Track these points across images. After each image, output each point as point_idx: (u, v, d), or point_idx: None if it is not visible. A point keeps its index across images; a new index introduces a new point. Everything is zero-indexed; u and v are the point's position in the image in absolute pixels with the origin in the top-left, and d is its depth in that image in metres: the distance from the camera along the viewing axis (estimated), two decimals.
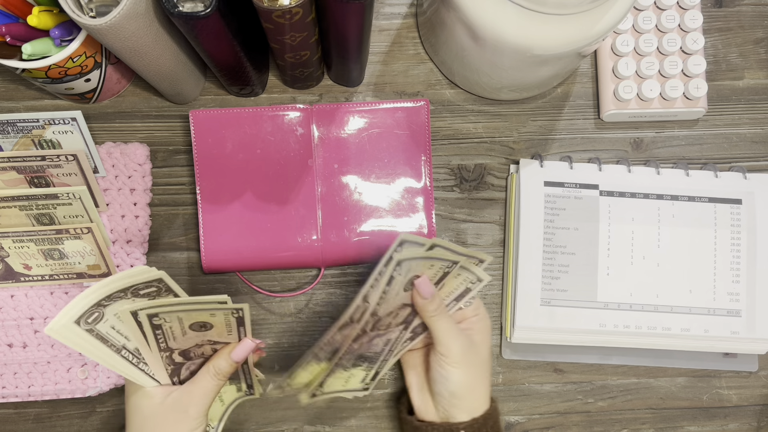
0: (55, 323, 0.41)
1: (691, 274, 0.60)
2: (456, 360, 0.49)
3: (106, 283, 0.42)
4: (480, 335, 0.52)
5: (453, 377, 0.49)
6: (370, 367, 0.54)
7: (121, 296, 0.44)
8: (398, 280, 0.46)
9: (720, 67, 0.65)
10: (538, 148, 0.63)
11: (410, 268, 0.47)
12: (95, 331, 0.44)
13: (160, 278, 0.44)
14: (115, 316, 0.44)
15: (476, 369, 0.50)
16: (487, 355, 0.52)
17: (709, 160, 0.64)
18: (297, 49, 0.52)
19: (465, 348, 0.50)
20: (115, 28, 0.45)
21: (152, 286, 0.45)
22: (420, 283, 0.48)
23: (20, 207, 0.55)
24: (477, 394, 0.51)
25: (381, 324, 0.50)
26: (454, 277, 0.50)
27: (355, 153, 0.60)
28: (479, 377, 0.51)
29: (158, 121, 0.62)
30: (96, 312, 0.43)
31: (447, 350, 0.49)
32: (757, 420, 0.62)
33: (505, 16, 0.47)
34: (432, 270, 0.48)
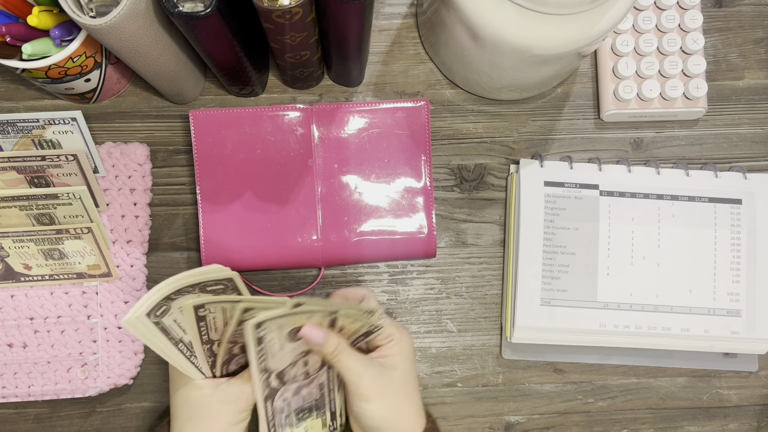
0: (130, 315, 0.42)
1: (691, 274, 0.60)
2: (367, 395, 0.47)
3: (180, 278, 0.43)
4: (396, 359, 0.49)
5: (369, 413, 0.48)
6: (322, 412, 0.52)
7: (190, 291, 0.44)
8: (270, 337, 0.45)
9: (720, 67, 0.65)
10: (538, 148, 0.63)
11: (280, 324, 0.45)
12: (160, 324, 0.44)
13: (231, 278, 0.45)
14: (179, 310, 0.45)
15: (396, 395, 0.49)
16: (408, 375, 0.50)
17: (709, 160, 0.64)
18: (297, 49, 0.52)
19: (375, 380, 0.48)
20: (115, 28, 0.45)
21: (220, 284, 0.46)
22: (305, 332, 0.46)
23: (20, 207, 0.55)
24: (404, 421, 0.49)
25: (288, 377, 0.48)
26: (350, 322, 0.48)
27: (355, 153, 0.60)
28: (399, 405, 0.49)
29: (158, 121, 0.62)
30: (165, 305, 0.44)
31: (356, 388, 0.47)
32: (757, 420, 0.62)
33: (505, 16, 0.47)
34: (313, 319, 0.47)
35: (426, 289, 0.62)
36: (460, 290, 0.62)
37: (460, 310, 0.62)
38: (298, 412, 0.51)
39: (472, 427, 0.61)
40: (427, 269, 0.62)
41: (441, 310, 0.62)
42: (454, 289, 0.62)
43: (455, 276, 0.62)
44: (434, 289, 0.62)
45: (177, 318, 0.45)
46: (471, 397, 0.61)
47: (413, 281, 0.62)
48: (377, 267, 0.62)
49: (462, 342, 0.62)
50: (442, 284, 0.62)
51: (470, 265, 0.62)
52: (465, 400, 0.61)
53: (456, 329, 0.62)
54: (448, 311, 0.62)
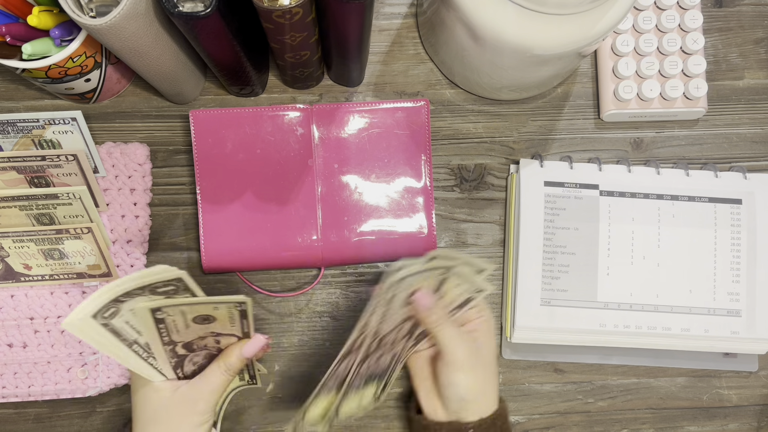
0: (72, 317, 0.42)
1: (691, 274, 0.60)
2: (463, 366, 0.49)
3: (126, 280, 0.43)
4: (485, 336, 0.52)
5: (462, 382, 0.49)
6: (381, 381, 0.54)
7: (139, 293, 0.44)
8: (399, 297, 0.47)
9: (720, 67, 0.65)
10: (538, 148, 0.63)
11: (410, 283, 0.47)
12: (110, 326, 0.44)
13: (180, 278, 0.45)
14: (130, 312, 0.45)
15: (483, 372, 0.51)
16: (492, 356, 0.52)
17: (709, 160, 0.64)
18: (297, 49, 0.52)
19: (471, 352, 0.50)
20: (115, 28, 0.45)
21: (171, 285, 0.45)
22: (419, 297, 0.48)
23: (20, 207, 0.55)
24: (485, 397, 0.51)
25: (385, 341, 0.50)
26: (454, 286, 0.50)
27: (355, 153, 0.60)
28: (487, 379, 0.51)
29: (158, 121, 0.62)
30: (113, 307, 0.43)
31: (453, 357, 0.49)
32: (757, 420, 0.62)
33: (505, 16, 0.47)
34: (429, 281, 0.48)
35: None
36: None
37: None
38: (368, 378, 0.52)
39: None
40: None
41: None
42: None
43: None
44: None
45: (129, 320, 0.45)
46: None
47: None
48: (377, 267, 0.62)
49: None
50: None
51: None
52: None
53: None
54: None
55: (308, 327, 0.61)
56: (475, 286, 0.51)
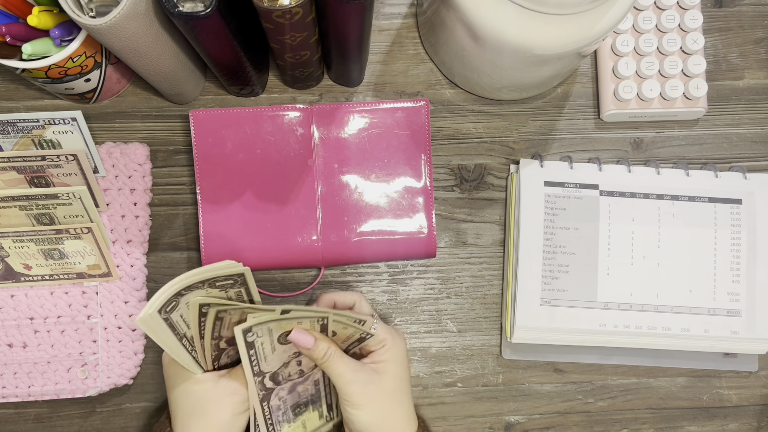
0: (144, 313, 0.42)
1: (691, 274, 0.60)
2: (357, 402, 0.48)
3: (194, 273, 0.43)
4: (388, 365, 0.50)
5: (357, 419, 0.48)
6: (318, 405, 0.53)
7: (199, 286, 0.45)
8: (261, 341, 0.46)
9: (720, 67, 0.65)
10: (538, 148, 0.63)
11: (270, 328, 0.46)
12: (169, 320, 0.45)
13: (242, 273, 0.46)
14: (186, 305, 0.45)
15: (384, 403, 0.49)
16: (400, 382, 0.50)
17: (709, 160, 0.64)
18: (297, 49, 0.52)
19: (365, 386, 0.48)
20: (115, 28, 0.45)
21: (230, 279, 0.46)
22: (294, 337, 0.47)
23: (20, 207, 0.55)
24: (392, 426, 0.49)
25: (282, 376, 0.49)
26: (342, 328, 0.49)
27: (355, 153, 0.60)
28: (390, 411, 0.49)
29: (158, 121, 0.62)
30: (175, 301, 0.44)
31: (346, 394, 0.48)
32: (757, 420, 0.62)
33: (505, 16, 0.47)
34: (304, 324, 0.47)
35: (426, 289, 0.62)
36: (460, 290, 0.62)
37: (460, 310, 0.62)
38: (294, 408, 0.51)
39: (472, 427, 0.61)
40: (427, 269, 0.62)
41: (441, 310, 0.62)
42: (454, 289, 0.62)
43: (455, 276, 0.62)
44: (434, 289, 0.62)
45: (183, 313, 0.45)
46: (471, 397, 0.61)
47: (413, 281, 0.62)
48: (377, 267, 0.62)
49: (462, 342, 0.62)
50: (442, 284, 0.62)
51: (470, 265, 0.62)
52: (465, 400, 0.61)
53: (456, 329, 0.62)
54: (448, 311, 0.62)
55: None
56: (362, 330, 0.49)
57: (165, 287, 0.43)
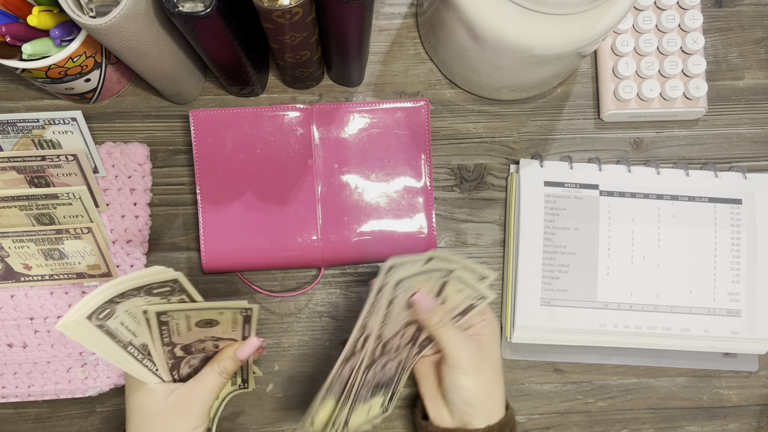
0: (67, 319, 0.41)
1: (691, 274, 0.60)
2: (467, 368, 0.49)
3: (122, 281, 0.42)
4: (489, 340, 0.51)
5: (466, 385, 0.49)
6: (387, 391, 0.53)
7: (135, 294, 0.44)
8: (399, 300, 0.46)
9: (720, 67, 0.65)
10: (538, 148, 0.63)
11: (410, 285, 0.46)
12: (105, 327, 0.44)
13: (176, 279, 0.45)
14: (126, 313, 0.44)
15: (488, 375, 0.50)
16: (497, 359, 0.52)
17: (709, 160, 0.64)
18: (297, 49, 0.52)
19: (475, 355, 0.49)
20: (115, 28, 0.45)
21: (167, 286, 0.45)
22: (418, 299, 0.47)
23: (20, 207, 0.55)
24: (491, 401, 0.50)
25: (389, 347, 0.49)
26: (456, 291, 0.49)
27: (355, 153, 0.60)
28: (492, 383, 0.50)
29: (158, 121, 0.62)
30: (108, 308, 0.43)
31: (456, 360, 0.48)
32: (757, 420, 0.62)
33: (505, 16, 0.47)
34: (429, 283, 0.48)
35: None
36: None
37: None
38: (374, 388, 0.51)
39: None
40: None
41: None
42: None
43: None
44: None
45: (124, 321, 0.45)
46: None
47: None
48: (377, 267, 0.62)
49: None
50: None
51: None
52: None
53: None
54: None
55: (308, 327, 0.61)
56: (477, 293, 0.50)
57: (92, 294, 0.42)
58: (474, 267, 0.48)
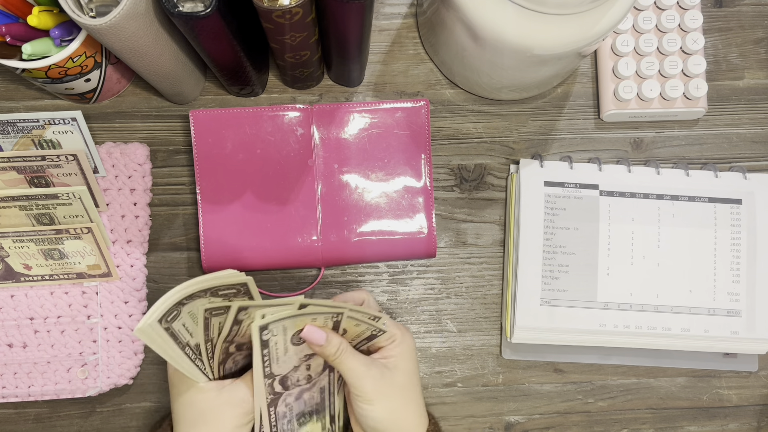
0: (143, 323, 0.41)
1: (691, 274, 0.60)
2: (369, 397, 0.47)
3: (195, 282, 0.43)
4: (398, 360, 0.49)
5: (371, 414, 0.48)
6: (322, 416, 0.52)
7: (201, 295, 0.44)
8: (275, 341, 0.45)
9: (720, 67, 0.65)
10: (538, 148, 0.63)
11: (285, 327, 0.45)
12: (170, 329, 0.44)
13: (245, 282, 0.45)
14: (188, 314, 0.44)
15: (396, 399, 0.49)
16: (410, 377, 0.50)
17: (709, 160, 0.64)
18: (297, 49, 0.52)
19: (377, 381, 0.47)
20: (115, 28, 0.45)
21: (233, 288, 0.45)
22: (306, 334, 0.46)
23: (20, 207, 0.55)
24: (403, 424, 0.49)
25: (292, 383, 0.49)
26: (354, 325, 0.48)
27: (355, 153, 0.60)
28: (401, 406, 0.49)
29: (158, 121, 0.62)
30: (176, 311, 0.43)
31: (358, 389, 0.47)
32: (757, 420, 0.62)
33: (505, 16, 0.47)
34: (317, 322, 0.47)
35: (426, 289, 0.62)
36: (460, 290, 0.62)
37: (460, 310, 0.62)
38: (299, 417, 0.51)
39: (472, 427, 0.61)
40: (427, 269, 0.62)
41: (441, 310, 0.62)
42: (454, 289, 0.62)
43: (455, 276, 0.62)
44: (434, 289, 0.62)
45: (186, 322, 0.45)
46: (471, 397, 0.61)
47: (413, 281, 0.62)
48: (377, 267, 0.62)
49: (462, 342, 0.62)
50: (442, 284, 0.62)
51: (470, 265, 0.62)
52: (465, 400, 0.61)
53: (456, 329, 0.62)
54: (448, 311, 0.62)
55: None
56: (374, 327, 0.49)
57: (166, 296, 0.42)
58: (360, 311, 0.47)
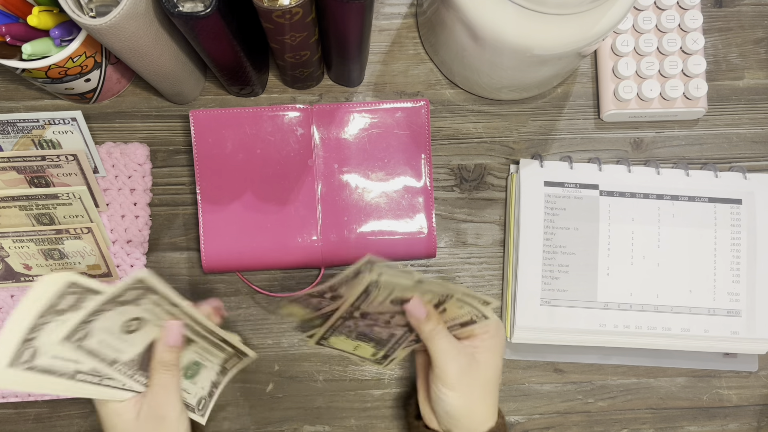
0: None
1: (691, 274, 0.60)
2: (452, 383, 0.47)
3: (32, 315, 0.40)
4: (487, 354, 0.49)
5: (448, 399, 0.48)
6: (379, 348, 0.53)
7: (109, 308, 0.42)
8: (376, 295, 0.45)
9: (720, 67, 0.65)
10: (538, 148, 0.63)
11: (392, 290, 0.45)
12: (36, 368, 0.41)
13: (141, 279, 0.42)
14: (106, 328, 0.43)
15: (476, 391, 0.49)
16: (492, 374, 0.50)
17: (709, 160, 0.64)
18: (297, 49, 0.52)
19: (463, 370, 0.47)
20: (115, 28, 0.45)
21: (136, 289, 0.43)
22: (411, 307, 0.46)
23: (20, 207, 0.55)
24: (475, 416, 0.49)
25: (371, 318, 0.49)
26: (457, 307, 0.48)
27: (355, 153, 0.60)
28: (479, 399, 0.49)
29: (158, 121, 0.62)
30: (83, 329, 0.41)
31: (443, 372, 0.47)
32: (757, 420, 0.62)
33: (505, 16, 0.47)
34: (426, 296, 0.47)
35: None
36: None
37: None
38: (359, 335, 0.51)
39: None
40: (427, 269, 0.62)
41: None
42: None
43: (455, 276, 0.62)
44: None
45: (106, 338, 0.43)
46: None
47: None
48: None
49: None
50: None
51: (470, 265, 0.62)
52: None
53: None
54: None
55: None
56: (479, 312, 0.48)
57: (3, 336, 0.39)
58: (472, 295, 0.47)
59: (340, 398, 0.61)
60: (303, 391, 0.61)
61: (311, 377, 0.61)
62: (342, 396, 0.61)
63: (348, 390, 0.61)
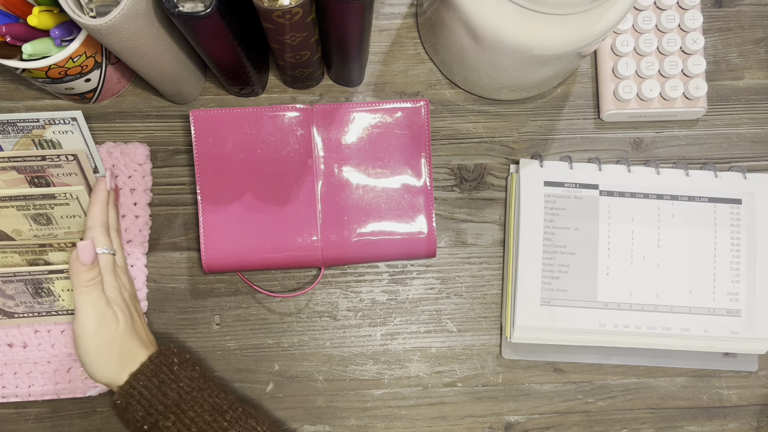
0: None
1: (691, 273, 0.60)
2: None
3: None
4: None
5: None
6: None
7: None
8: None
9: (720, 67, 0.65)
10: (538, 148, 0.63)
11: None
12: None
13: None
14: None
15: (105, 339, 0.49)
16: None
17: (709, 160, 0.64)
18: (297, 49, 0.52)
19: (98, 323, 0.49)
20: (115, 28, 0.45)
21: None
22: (82, 246, 0.45)
23: (17, 207, 0.55)
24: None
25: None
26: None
27: (355, 153, 0.60)
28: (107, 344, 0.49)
29: (158, 121, 0.62)
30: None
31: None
32: (757, 420, 0.62)
33: (505, 16, 0.47)
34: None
35: (426, 289, 0.62)
36: (460, 290, 0.62)
37: (460, 310, 0.62)
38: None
39: (472, 427, 0.61)
40: (427, 269, 0.62)
41: (441, 310, 0.62)
42: (454, 289, 0.62)
43: (455, 276, 0.62)
44: (434, 289, 0.62)
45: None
46: (471, 397, 0.61)
47: (413, 281, 0.62)
48: (377, 267, 0.62)
49: (462, 342, 0.62)
50: (442, 284, 0.62)
51: (470, 265, 0.62)
52: (465, 400, 0.61)
53: (456, 329, 0.62)
54: (448, 311, 0.62)
55: (308, 327, 0.61)
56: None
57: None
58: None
59: (340, 398, 0.61)
60: (303, 391, 0.61)
61: (311, 377, 0.61)
62: (342, 396, 0.61)
63: (348, 390, 0.61)
